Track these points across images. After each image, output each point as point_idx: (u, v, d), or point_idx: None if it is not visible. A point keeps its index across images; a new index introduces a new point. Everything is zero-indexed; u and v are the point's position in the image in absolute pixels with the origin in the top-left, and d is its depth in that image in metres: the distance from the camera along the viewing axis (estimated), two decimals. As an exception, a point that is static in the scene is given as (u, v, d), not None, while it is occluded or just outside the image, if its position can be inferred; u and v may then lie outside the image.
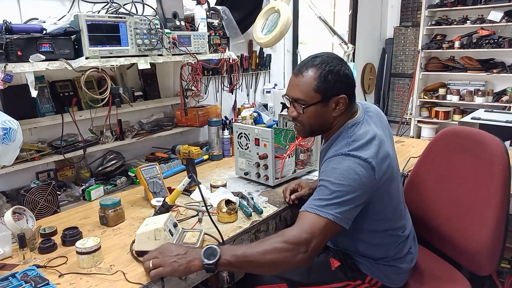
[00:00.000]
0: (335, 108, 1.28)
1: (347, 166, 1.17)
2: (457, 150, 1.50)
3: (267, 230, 1.55)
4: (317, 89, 1.25)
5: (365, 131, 1.26)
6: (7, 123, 1.32)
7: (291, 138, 1.96)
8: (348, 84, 1.28)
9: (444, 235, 1.51)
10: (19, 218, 1.38)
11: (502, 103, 4.42)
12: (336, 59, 1.28)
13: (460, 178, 1.48)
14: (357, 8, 4.68)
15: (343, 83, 1.26)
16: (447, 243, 1.51)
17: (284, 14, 2.33)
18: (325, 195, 1.16)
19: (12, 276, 1.11)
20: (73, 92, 1.83)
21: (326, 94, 1.26)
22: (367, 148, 1.21)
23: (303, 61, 1.30)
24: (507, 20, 4.27)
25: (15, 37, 1.36)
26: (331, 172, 1.19)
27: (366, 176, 1.17)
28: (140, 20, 1.66)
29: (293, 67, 3.40)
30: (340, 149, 1.23)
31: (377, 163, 1.19)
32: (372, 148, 1.21)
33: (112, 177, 1.93)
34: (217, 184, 1.71)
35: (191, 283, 1.25)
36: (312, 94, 1.26)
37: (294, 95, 1.30)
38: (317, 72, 1.25)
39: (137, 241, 1.24)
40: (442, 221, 1.52)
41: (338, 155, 1.21)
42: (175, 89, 2.30)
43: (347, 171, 1.16)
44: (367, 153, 1.19)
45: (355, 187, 1.15)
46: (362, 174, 1.16)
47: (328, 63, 1.26)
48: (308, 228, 1.13)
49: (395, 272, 1.38)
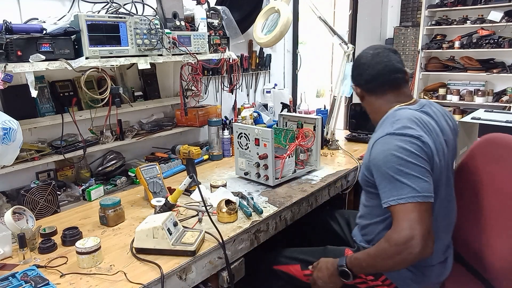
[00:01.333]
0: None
1: (396, 146, 1.17)
2: (496, 159, 1.38)
3: (267, 230, 1.55)
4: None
5: (414, 114, 1.26)
6: (7, 123, 1.32)
7: (291, 138, 1.96)
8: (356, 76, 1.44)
9: (476, 250, 1.38)
10: (19, 218, 1.38)
11: (502, 103, 4.42)
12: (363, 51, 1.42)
13: (498, 190, 1.35)
14: (357, 8, 4.68)
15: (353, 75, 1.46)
16: (477, 258, 1.38)
17: (284, 14, 2.33)
18: (390, 182, 1.16)
19: (12, 276, 1.11)
20: (73, 92, 1.83)
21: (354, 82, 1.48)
22: (414, 127, 1.21)
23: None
24: (507, 20, 4.28)
25: (15, 37, 1.36)
26: (383, 156, 1.19)
27: (418, 150, 1.16)
28: (140, 20, 1.66)
29: (293, 67, 3.40)
30: (386, 129, 1.24)
31: (427, 139, 1.19)
32: (419, 127, 1.21)
33: (112, 177, 1.93)
34: (217, 184, 1.71)
35: (191, 283, 1.25)
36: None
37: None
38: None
39: (136, 238, 1.26)
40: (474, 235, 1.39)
41: (383, 137, 1.22)
42: (175, 89, 2.30)
43: (397, 151, 1.16)
44: (414, 131, 1.19)
45: (412, 161, 1.14)
46: (414, 148, 1.16)
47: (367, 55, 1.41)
48: (404, 223, 1.12)
49: (412, 279, 1.33)
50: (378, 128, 1.34)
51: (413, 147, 1.16)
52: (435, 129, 1.27)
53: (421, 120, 1.25)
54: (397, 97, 1.37)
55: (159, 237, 1.23)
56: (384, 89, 1.38)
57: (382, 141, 1.22)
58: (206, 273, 1.30)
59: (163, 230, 1.23)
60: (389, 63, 1.36)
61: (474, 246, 1.40)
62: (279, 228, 1.62)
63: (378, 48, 1.40)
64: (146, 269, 1.19)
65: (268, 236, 1.57)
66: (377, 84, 1.39)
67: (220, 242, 1.31)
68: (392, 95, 1.38)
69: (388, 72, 1.37)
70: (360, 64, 1.42)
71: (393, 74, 1.37)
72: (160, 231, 1.23)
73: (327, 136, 2.48)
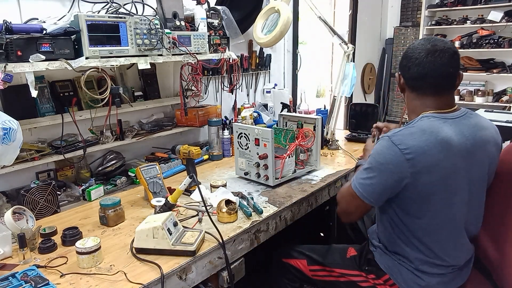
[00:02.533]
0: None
1: (383, 147, 1.25)
2: None
3: (267, 230, 1.55)
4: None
5: (428, 124, 1.23)
6: (7, 123, 1.31)
7: (291, 138, 1.96)
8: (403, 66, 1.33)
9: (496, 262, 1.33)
10: (19, 218, 1.38)
11: (502, 103, 4.42)
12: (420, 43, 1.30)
13: None
14: (357, 8, 4.67)
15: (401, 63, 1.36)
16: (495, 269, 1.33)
17: (284, 14, 2.33)
18: (361, 170, 1.32)
19: (12, 276, 1.11)
20: (73, 92, 1.83)
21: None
22: (413, 139, 1.20)
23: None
24: (507, 20, 4.28)
25: (15, 37, 1.36)
26: (372, 151, 1.30)
27: (395, 160, 1.21)
28: (140, 20, 1.66)
29: (293, 67, 3.40)
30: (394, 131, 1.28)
31: (415, 155, 1.18)
32: (418, 140, 1.20)
33: (112, 177, 1.93)
34: (217, 184, 1.71)
35: (191, 283, 1.25)
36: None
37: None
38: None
39: (136, 238, 1.26)
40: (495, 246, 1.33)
41: (383, 137, 1.29)
42: (175, 89, 2.30)
43: (376, 150, 1.26)
44: (408, 143, 1.20)
45: (379, 168, 1.24)
46: (392, 157, 1.21)
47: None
48: (344, 196, 1.37)
49: (415, 282, 1.32)
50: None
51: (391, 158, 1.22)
52: (448, 145, 1.20)
53: (433, 132, 1.21)
54: (436, 102, 1.29)
55: (159, 237, 1.23)
56: (427, 92, 1.29)
57: (381, 140, 1.29)
58: (206, 273, 1.30)
59: (163, 230, 1.23)
60: (442, 67, 1.24)
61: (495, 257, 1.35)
62: (279, 228, 1.62)
63: (438, 45, 1.25)
64: (146, 269, 1.18)
65: (268, 236, 1.57)
66: (422, 84, 1.29)
67: (220, 242, 1.31)
68: (432, 99, 1.29)
69: (437, 76, 1.26)
70: (412, 57, 1.28)
71: (442, 79, 1.26)
72: (160, 231, 1.23)
73: (327, 136, 2.48)
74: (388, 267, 1.38)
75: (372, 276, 1.42)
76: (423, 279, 1.31)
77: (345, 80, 2.45)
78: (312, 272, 1.58)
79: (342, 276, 1.50)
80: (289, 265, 1.65)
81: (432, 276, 1.31)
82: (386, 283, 1.38)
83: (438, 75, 1.25)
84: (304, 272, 1.61)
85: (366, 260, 1.46)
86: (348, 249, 1.55)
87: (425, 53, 1.25)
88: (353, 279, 1.47)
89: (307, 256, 1.61)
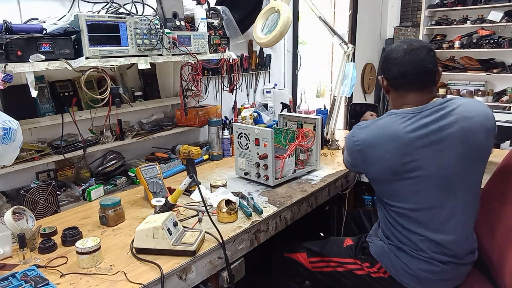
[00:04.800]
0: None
1: (348, 134, 1.46)
2: None
3: (267, 230, 1.55)
4: None
5: (384, 120, 1.37)
6: (7, 123, 1.32)
7: (291, 138, 1.96)
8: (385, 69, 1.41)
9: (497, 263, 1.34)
10: (19, 218, 1.38)
11: (502, 103, 4.42)
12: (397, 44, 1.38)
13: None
14: (357, 8, 4.67)
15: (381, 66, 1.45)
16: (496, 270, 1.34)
17: (284, 14, 2.33)
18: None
19: (12, 276, 1.11)
20: (73, 92, 1.83)
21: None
22: (365, 133, 1.38)
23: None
24: (507, 20, 4.28)
25: (15, 37, 1.36)
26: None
27: (352, 151, 1.43)
28: (140, 20, 1.66)
29: (293, 67, 3.40)
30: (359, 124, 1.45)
31: (363, 147, 1.37)
32: (369, 134, 1.37)
33: (112, 177, 1.93)
34: (217, 184, 1.71)
35: (191, 283, 1.25)
36: None
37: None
38: None
39: (136, 238, 1.26)
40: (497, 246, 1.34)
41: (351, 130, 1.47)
42: (175, 89, 2.30)
43: (347, 137, 1.47)
44: (360, 136, 1.39)
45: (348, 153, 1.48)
46: (348, 144, 1.45)
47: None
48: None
49: (401, 267, 1.37)
50: None
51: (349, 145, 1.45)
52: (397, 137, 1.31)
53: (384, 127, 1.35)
54: (416, 99, 1.34)
55: (159, 237, 1.23)
56: (409, 89, 1.35)
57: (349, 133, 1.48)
58: (206, 273, 1.30)
59: (163, 230, 1.23)
60: (420, 63, 1.31)
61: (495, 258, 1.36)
62: (279, 228, 1.62)
63: (414, 44, 1.33)
64: (146, 269, 1.18)
65: (268, 236, 1.57)
66: (403, 83, 1.36)
67: (220, 242, 1.31)
68: (413, 96, 1.35)
69: (416, 73, 1.32)
70: (391, 58, 1.36)
71: (421, 75, 1.32)
72: (160, 231, 1.23)
73: (327, 136, 2.48)
74: (380, 254, 1.44)
75: (366, 265, 1.48)
76: (410, 267, 1.35)
77: (345, 80, 2.45)
78: (312, 264, 1.64)
79: (339, 265, 1.56)
80: (290, 260, 1.69)
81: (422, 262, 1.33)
82: (379, 270, 1.44)
83: (417, 71, 1.32)
84: (305, 265, 1.66)
85: (361, 249, 1.53)
86: (345, 239, 1.63)
87: (403, 52, 1.33)
88: (349, 267, 1.53)
89: (306, 249, 1.67)
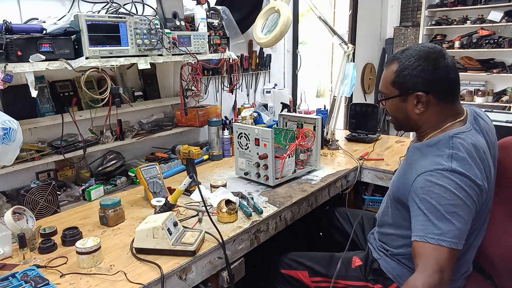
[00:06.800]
0: (416, 105, 1.22)
1: (454, 185, 1.08)
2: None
3: (267, 230, 1.55)
4: (394, 83, 1.24)
5: (471, 142, 1.15)
6: (7, 123, 1.32)
7: (291, 138, 1.96)
8: (430, 82, 1.18)
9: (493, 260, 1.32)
10: (19, 218, 1.38)
11: (502, 103, 4.42)
12: (424, 53, 1.19)
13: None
14: (357, 8, 4.68)
15: (422, 80, 1.18)
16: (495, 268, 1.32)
17: (284, 14, 2.33)
18: (437, 218, 1.06)
19: (12, 276, 1.11)
20: (73, 92, 1.83)
21: (403, 90, 1.22)
22: (474, 164, 1.11)
23: (395, 52, 1.29)
24: (507, 20, 4.28)
25: (15, 37, 1.36)
26: (437, 191, 1.08)
27: (473, 195, 1.09)
28: (140, 20, 1.66)
29: (293, 67, 3.40)
30: (441, 162, 1.12)
31: (483, 182, 1.11)
32: (478, 163, 1.12)
33: (112, 177, 1.93)
34: (217, 184, 1.71)
35: (191, 283, 1.25)
36: (390, 88, 1.26)
37: (380, 86, 1.32)
38: (397, 66, 1.22)
39: (137, 238, 1.26)
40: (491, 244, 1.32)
41: (440, 170, 1.10)
42: (175, 89, 2.30)
43: (456, 190, 1.07)
44: (474, 170, 1.10)
45: (463, 205, 1.07)
46: (471, 192, 1.08)
47: (410, 57, 1.20)
48: (435, 265, 1.02)
49: None
50: (427, 148, 1.20)
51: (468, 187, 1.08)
52: (483, 151, 1.16)
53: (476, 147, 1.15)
54: (452, 110, 1.23)
55: (159, 237, 1.23)
56: (458, 96, 1.24)
57: (436, 175, 1.10)
58: (206, 273, 1.30)
59: (163, 230, 1.23)
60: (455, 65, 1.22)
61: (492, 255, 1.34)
62: (279, 228, 1.62)
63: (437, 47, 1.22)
64: (146, 269, 1.19)
65: (268, 236, 1.57)
66: (457, 89, 1.23)
67: (220, 242, 1.31)
68: (457, 103, 1.24)
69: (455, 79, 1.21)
70: (441, 66, 1.18)
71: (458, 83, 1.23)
72: (160, 231, 1.23)
73: (327, 136, 2.48)
74: (397, 275, 1.31)
75: (378, 286, 1.36)
76: None
77: (345, 80, 2.45)
78: (315, 283, 1.50)
79: (347, 287, 1.43)
80: (288, 276, 1.57)
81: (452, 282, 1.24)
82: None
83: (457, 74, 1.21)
84: (306, 283, 1.53)
85: (371, 270, 1.40)
86: (352, 258, 1.47)
87: (442, 57, 1.18)
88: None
89: (308, 267, 1.52)
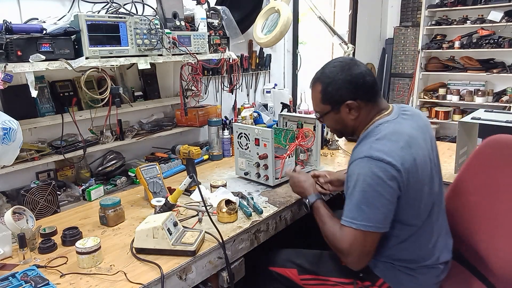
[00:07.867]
0: (350, 112, 1.33)
1: (370, 171, 1.18)
2: (504, 161, 1.34)
3: (267, 230, 1.55)
4: (323, 101, 1.35)
5: (393, 129, 1.26)
6: (7, 123, 1.32)
7: (291, 138, 1.96)
8: (355, 89, 1.30)
9: (481, 253, 1.37)
10: (19, 218, 1.38)
11: (502, 103, 4.42)
12: (339, 67, 1.32)
13: (504, 193, 1.33)
14: (357, 8, 4.68)
15: (346, 90, 1.30)
16: (483, 261, 1.36)
17: (284, 14, 2.33)
18: (354, 204, 1.20)
19: (12, 276, 1.11)
20: (73, 92, 1.83)
21: (333, 104, 1.34)
22: (393, 149, 1.19)
23: (315, 74, 1.39)
24: (507, 20, 4.27)
25: (15, 37, 1.36)
26: (356, 178, 1.20)
27: (390, 179, 1.17)
28: (140, 20, 1.66)
29: (293, 67, 3.40)
30: (365, 150, 1.22)
31: (402, 164, 1.18)
32: (398, 148, 1.20)
33: (112, 177, 1.93)
34: (217, 184, 1.71)
35: (191, 283, 1.25)
36: (322, 106, 1.37)
37: (313, 107, 1.44)
38: (320, 86, 1.35)
39: (137, 238, 1.26)
40: (479, 238, 1.38)
41: (361, 158, 1.21)
42: (175, 89, 2.30)
43: (370, 177, 1.18)
44: (392, 154, 1.18)
45: (380, 192, 1.17)
46: (387, 177, 1.17)
47: (329, 74, 1.32)
48: (348, 240, 1.21)
49: (411, 281, 1.32)
50: (361, 140, 1.32)
51: (386, 174, 1.17)
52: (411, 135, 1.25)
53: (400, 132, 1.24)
54: (378, 106, 1.35)
55: (159, 237, 1.23)
56: (379, 94, 1.36)
57: (360, 163, 1.21)
58: (206, 273, 1.30)
59: (163, 230, 1.23)
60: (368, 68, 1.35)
61: (480, 248, 1.37)
62: (279, 228, 1.62)
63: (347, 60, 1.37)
64: (146, 269, 1.19)
65: (268, 236, 1.57)
66: (377, 88, 1.35)
67: (220, 242, 1.31)
68: (380, 101, 1.35)
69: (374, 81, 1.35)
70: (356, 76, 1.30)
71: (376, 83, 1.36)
72: (160, 231, 1.23)
73: (327, 136, 2.49)
74: (382, 271, 1.35)
75: (367, 284, 1.38)
76: (419, 277, 1.32)
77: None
78: (304, 281, 1.50)
79: (336, 284, 1.43)
80: (276, 273, 1.55)
81: (429, 271, 1.33)
82: (381, 287, 1.36)
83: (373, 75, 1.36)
84: (295, 281, 1.51)
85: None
86: None
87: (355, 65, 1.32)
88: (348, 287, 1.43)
89: (297, 265, 1.51)
